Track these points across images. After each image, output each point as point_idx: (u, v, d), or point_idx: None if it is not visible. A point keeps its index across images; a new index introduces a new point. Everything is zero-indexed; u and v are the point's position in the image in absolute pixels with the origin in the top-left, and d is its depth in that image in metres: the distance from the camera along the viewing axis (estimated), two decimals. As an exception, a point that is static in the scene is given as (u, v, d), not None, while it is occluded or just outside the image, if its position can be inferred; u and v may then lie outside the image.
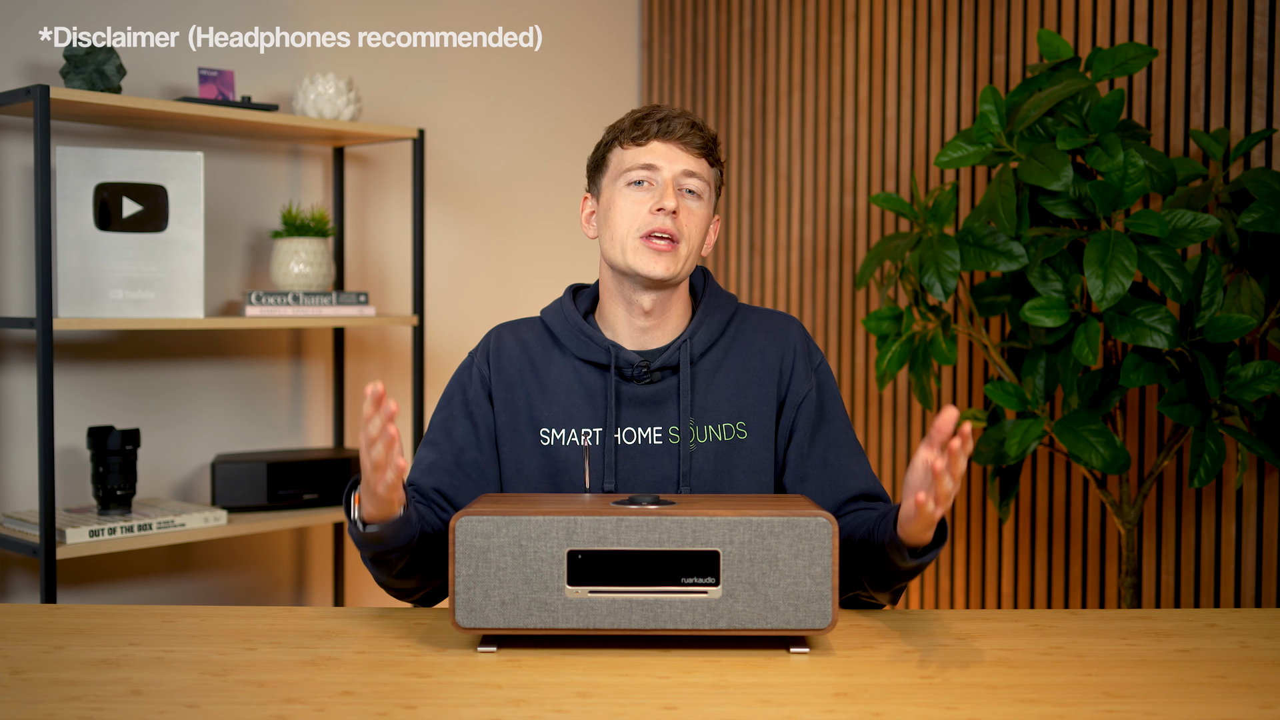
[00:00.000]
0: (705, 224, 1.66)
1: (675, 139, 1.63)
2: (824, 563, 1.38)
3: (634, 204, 1.63)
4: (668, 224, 1.61)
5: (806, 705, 1.25)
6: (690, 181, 1.64)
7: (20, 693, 1.27)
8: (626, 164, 1.65)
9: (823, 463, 1.67)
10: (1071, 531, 2.85)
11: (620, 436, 1.65)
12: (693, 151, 1.64)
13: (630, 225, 1.62)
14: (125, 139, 2.79)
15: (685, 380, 1.65)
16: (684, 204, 1.63)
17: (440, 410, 1.72)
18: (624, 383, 1.66)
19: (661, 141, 1.63)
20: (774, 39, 3.47)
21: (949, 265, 2.40)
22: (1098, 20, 2.78)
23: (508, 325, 1.75)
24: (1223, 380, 2.26)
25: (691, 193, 1.64)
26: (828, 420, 1.69)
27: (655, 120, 1.64)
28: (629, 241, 1.62)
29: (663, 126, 1.63)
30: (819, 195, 3.36)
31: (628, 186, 1.64)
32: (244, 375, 3.00)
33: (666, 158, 1.63)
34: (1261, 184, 2.23)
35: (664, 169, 1.63)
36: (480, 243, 3.44)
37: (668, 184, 1.62)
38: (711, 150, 1.67)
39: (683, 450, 1.63)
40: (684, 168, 1.63)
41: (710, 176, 1.67)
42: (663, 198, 1.61)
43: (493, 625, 1.38)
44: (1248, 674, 1.35)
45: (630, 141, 1.65)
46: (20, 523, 2.51)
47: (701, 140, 1.65)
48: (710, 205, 1.68)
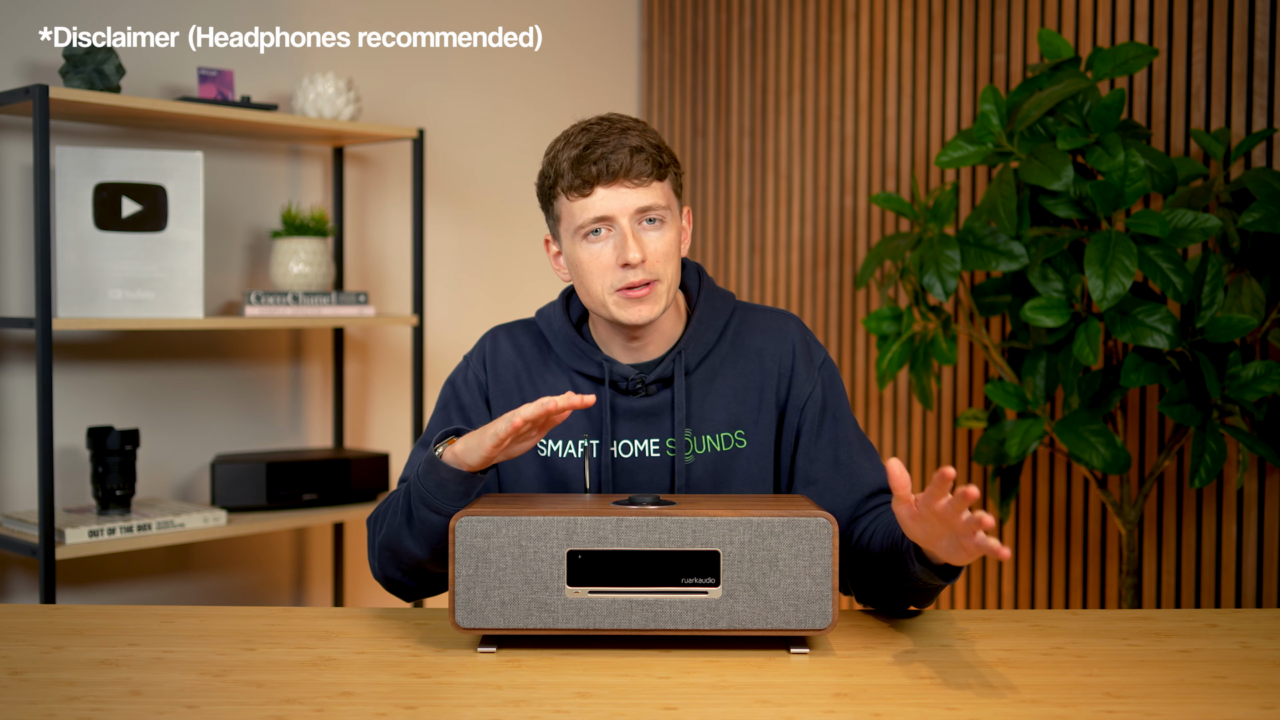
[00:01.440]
0: (675, 243, 1.59)
1: (619, 179, 1.53)
2: (824, 563, 1.38)
3: (597, 258, 1.55)
4: (639, 275, 1.55)
5: (806, 705, 1.24)
6: (648, 215, 1.56)
7: (20, 693, 1.27)
8: (578, 219, 1.55)
9: (834, 463, 1.64)
10: (1072, 531, 2.85)
11: (617, 450, 1.63)
12: (642, 182, 1.54)
13: (602, 283, 1.56)
14: (125, 139, 2.79)
15: (680, 394, 1.62)
16: (646, 239, 1.55)
17: (438, 414, 1.70)
18: (619, 395, 1.63)
19: (606, 186, 1.53)
20: (774, 39, 3.47)
21: (949, 265, 2.40)
22: (1098, 20, 2.78)
23: (504, 328, 1.73)
24: (1223, 380, 2.26)
25: (653, 221, 1.56)
26: (834, 419, 1.66)
27: (591, 163, 1.53)
28: (606, 298, 1.57)
29: (602, 169, 1.52)
30: (819, 195, 3.36)
31: (585, 240, 1.56)
32: (244, 375, 3.00)
33: (617, 204, 1.54)
34: (1262, 184, 2.23)
35: (616, 216, 1.54)
36: (480, 243, 3.44)
37: (625, 233, 1.54)
38: (662, 163, 1.56)
39: (678, 464, 1.61)
40: (636, 207, 1.54)
41: (667, 194, 1.58)
42: (625, 251, 1.53)
43: (493, 626, 1.38)
44: (1248, 674, 1.35)
45: (575, 192, 1.55)
46: (20, 523, 2.50)
47: (647, 164, 1.54)
48: (675, 215, 1.60)
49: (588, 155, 1.54)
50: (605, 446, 1.62)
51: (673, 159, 1.60)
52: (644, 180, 1.54)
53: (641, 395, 1.63)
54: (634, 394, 1.63)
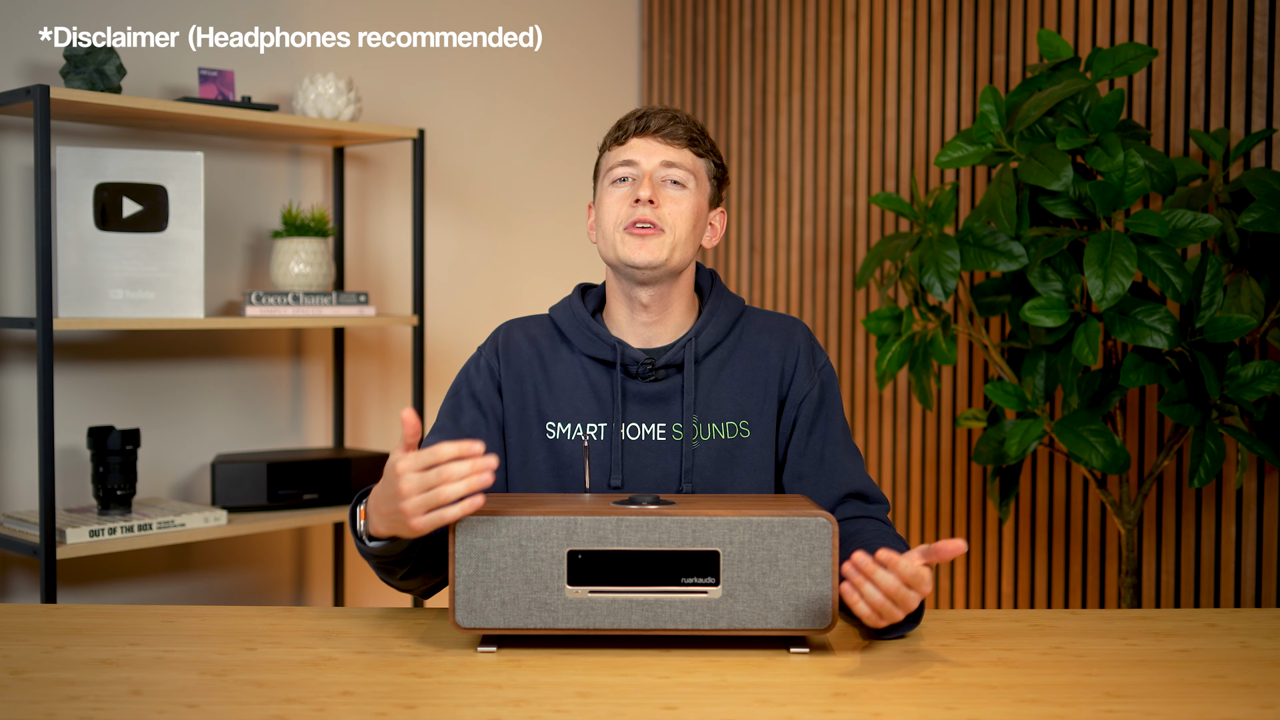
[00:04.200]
0: (693, 213, 1.67)
1: (652, 134, 1.67)
2: (824, 563, 1.38)
3: (617, 200, 1.67)
4: (647, 213, 1.64)
5: (806, 705, 1.25)
6: (671, 172, 1.66)
7: (20, 693, 1.27)
8: (609, 164, 1.70)
9: (819, 459, 1.69)
10: (1071, 531, 2.85)
11: (625, 432, 1.66)
12: (672, 143, 1.67)
13: (614, 219, 1.66)
14: (125, 139, 2.79)
15: (689, 378, 1.66)
16: (665, 193, 1.66)
17: (448, 400, 1.74)
18: (629, 379, 1.67)
19: (639, 137, 1.68)
20: (774, 39, 3.47)
21: (949, 265, 2.40)
22: (1098, 20, 2.78)
23: (517, 321, 1.77)
24: (1223, 380, 2.26)
25: (675, 183, 1.67)
26: (826, 418, 1.71)
27: (634, 119, 1.69)
28: (614, 234, 1.66)
29: (640, 124, 1.68)
30: (819, 195, 3.36)
31: (611, 185, 1.68)
32: (244, 375, 3.00)
33: (644, 152, 1.67)
34: (1261, 184, 2.23)
35: (642, 163, 1.66)
36: (480, 243, 3.44)
37: (645, 176, 1.65)
38: (697, 140, 1.69)
39: (685, 448, 1.65)
40: (661, 159, 1.66)
41: (696, 165, 1.69)
42: (638, 188, 1.65)
43: (493, 625, 1.38)
44: (1248, 674, 1.35)
45: (613, 144, 1.70)
46: (20, 523, 2.51)
47: (683, 131, 1.68)
48: (701, 194, 1.69)
49: (632, 115, 1.71)
50: (614, 429, 1.65)
51: (713, 149, 1.73)
52: (676, 143, 1.68)
53: (651, 380, 1.67)
54: (644, 378, 1.67)
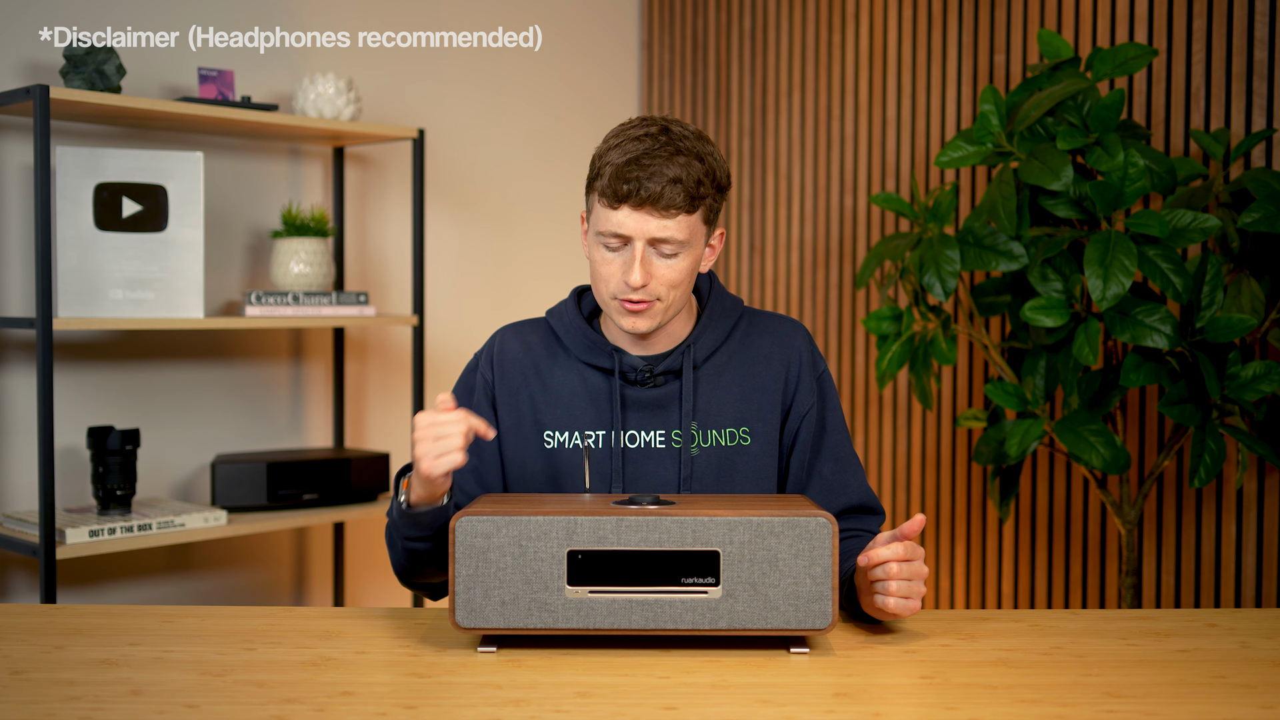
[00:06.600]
0: (685, 272, 1.61)
1: (647, 205, 1.55)
2: (824, 563, 1.38)
3: (606, 265, 1.60)
4: (639, 295, 1.59)
5: (806, 705, 1.25)
6: (663, 246, 1.58)
7: (20, 693, 1.27)
8: (600, 225, 1.59)
9: (822, 477, 1.70)
10: (1071, 531, 2.85)
11: (624, 440, 1.66)
12: (669, 214, 1.56)
13: (606, 287, 1.61)
14: (125, 139, 2.79)
15: (688, 385, 1.65)
16: (655, 264, 1.58)
17: None
18: (628, 386, 1.67)
19: (633, 209, 1.56)
20: (774, 39, 3.47)
21: (949, 265, 2.40)
22: (1098, 20, 2.78)
23: (512, 327, 1.76)
24: (1223, 380, 2.26)
25: (667, 252, 1.59)
26: (828, 434, 1.72)
27: (627, 181, 1.55)
28: (607, 301, 1.63)
29: (634, 189, 1.55)
30: (819, 195, 3.36)
31: (602, 245, 1.60)
32: (244, 375, 3.00)
33: (637, 227, 1.56)
34: (1262, 184, 2.23)
35: (635, 239, 1.57)
36: (480, 243, 3.44)
37: (635, 256, 1.57)
38: (696, 198, 1.58)
39: (684, 455, 1.64)
40: (653, 235, 1.57)
41: (691, 227, 1.59)
42: (629, 273, 1.57)
43: (493, 625, 1.38)
44: (1248, 674, 1.35)
45: (606, 200, 1.58)
46: (20, 523, 2.50)
47: (680, 196, 1.56)
48: (697, 247, 1.62)
49: (628, 172, 1.55)
50: (613, 437, 1.65)
51: (715, 188, 1.61)
52: (671, 213, 1.56)
53: (650, 386, 1.66)
54: (642, 385, 1.66)
